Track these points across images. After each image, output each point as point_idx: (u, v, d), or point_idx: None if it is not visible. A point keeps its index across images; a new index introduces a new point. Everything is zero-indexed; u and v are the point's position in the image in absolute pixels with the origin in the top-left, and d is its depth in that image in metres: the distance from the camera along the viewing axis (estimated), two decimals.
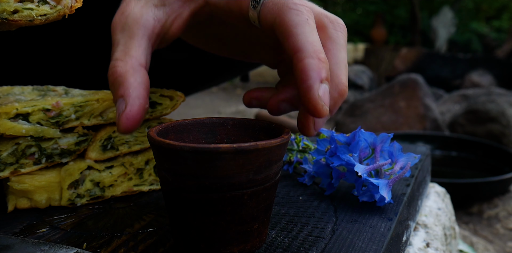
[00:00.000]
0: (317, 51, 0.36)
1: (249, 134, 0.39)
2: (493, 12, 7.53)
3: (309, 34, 0.36)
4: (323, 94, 0.35)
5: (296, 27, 0.37)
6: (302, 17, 0.37)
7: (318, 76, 0.35)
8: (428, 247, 0.50)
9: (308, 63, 0.35)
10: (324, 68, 0.35)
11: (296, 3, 0.38)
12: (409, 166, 0.46)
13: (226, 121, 0.39)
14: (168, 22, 0.42)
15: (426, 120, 2.38)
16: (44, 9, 0.36)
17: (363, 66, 4.53)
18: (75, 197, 0.46)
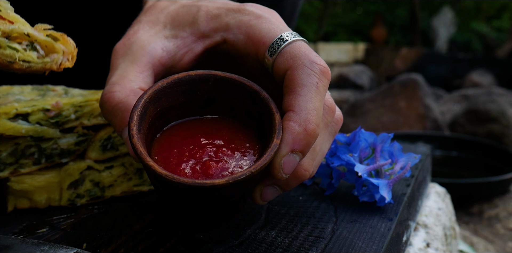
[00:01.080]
0: (309, 121, 0.34)
1: (234, 93, 0.37)
2: (494, 12, 7.53)
3: (311, 99, 0.35)
4: (287, 163, 0.34)
5: (302, 88, 0.35)
6: (312, 79, 0.35)
7: (291, 144, 0.34)
8: (428, 247, 0.50)
9: (291, 127, 0.34)
10: (304, 141, 0.34)
11: (312, 59, 0.36)
12: (409, 166, 0.46)
13: (207, 77, 0.37)
14: (178, 55, 0.40)
15: (426, 120, 2.38)
16: (30, 56, 0.31)
17: (363, 66, 4.53)
18: (75, 197, 0.46)
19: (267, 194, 0.37)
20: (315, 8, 7.64)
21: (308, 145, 0.34)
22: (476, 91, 2.76)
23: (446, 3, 6.70)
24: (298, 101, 0.35)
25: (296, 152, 0.34)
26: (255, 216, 0.43)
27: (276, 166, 0.34)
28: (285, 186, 0.37)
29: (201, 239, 0.39)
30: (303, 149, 0.34)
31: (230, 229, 0.40)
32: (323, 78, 0.36)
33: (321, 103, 0.35)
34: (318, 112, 0.35)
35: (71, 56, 0.33)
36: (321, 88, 0.36)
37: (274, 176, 0.34)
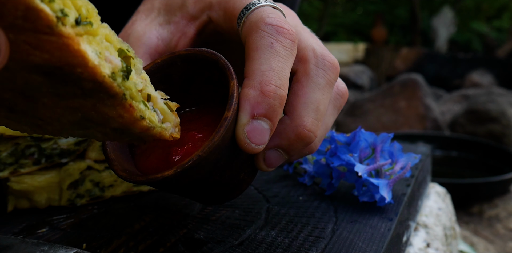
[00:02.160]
0: (265, 82, 0.31)
1: (203, 68, 0.36)
2: (494, 12, 7.53)
3: (265, 61, 0.32)
4: (252, 131, 0.31)
5: (255, 51, 0.33)
6: (266, 41, 0.32)
7: (250, 110, 0.31)
8: (428, 247, 0.50)
9: (246, 93, 0.31)
10: (264, 103, 0.31)
11: (267, 22, 0.33)
12: (409, 166, 0.46)
13: (173, 59, 0.36)
14: (173, 42, 0.40)
15: (426, 120, 2.38)
16: (155, 117, 0.30)
17: (363, 66, 4.53)
18: (75, 197, 0.46)
19: (270, 158, 0.35)
20: (315, 8, 7.65)
21: (271, 108, 0.31)
22: (476, 91, 2.77)
23: (446, 3, 6.70)
24: (252, 66, 0.32)
25: (259, 117, 0.31)
26: (255, 216, 0.43)
27: (239, 137, 0.31)
28: (289, 149, 0.34)
29: (201, 239, 0.39)
30: (266, 113, 0.31)
31: (230, 229, 0.40)
32: (281, 38, 0.33)
33: (280, 64, 0.32)
34: (278, 73, 0.32)
35: (177, 129, 0.33)
36: (279, 49, 0.32)
37: (245, 149, 0.32)
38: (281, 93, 0.32)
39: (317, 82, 0.35)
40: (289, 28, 0.33)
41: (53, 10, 0.21)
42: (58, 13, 0.22)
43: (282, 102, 0.32)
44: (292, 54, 0.33)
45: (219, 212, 0.44)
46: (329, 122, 0.38)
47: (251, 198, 0.47)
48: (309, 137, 0.34)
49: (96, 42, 0.25)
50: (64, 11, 0.22)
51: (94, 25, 0.25)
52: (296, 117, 0.34)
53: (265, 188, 0.50)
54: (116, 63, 0.26)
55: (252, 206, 0.45)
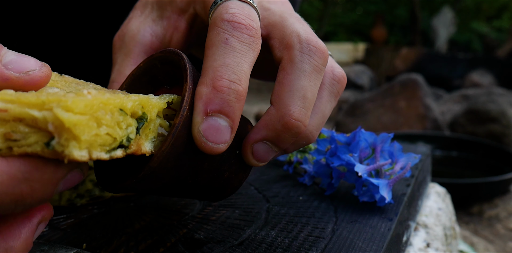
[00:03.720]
0: (217, 77, 0.30)
1: (174, 68, 0.34)
2: (494, 12, 7.53)
3: (219, 57, 0.30)
4: (207, 130, 0.29)
5: (210, 48, 0.31)
6: (220, 37, 0.31)
7: (203, 107, 0.29)
8: (428, 247, 0.50)
9: (199, 91, 0.30)
10: (217, 99, 0.29)
11: (224, 18, 0.32)
12: (409, 166, 0.46)
13: (152, 61, 0.35)
14: (167, 38, 0.40)
15: (426, 120, 2.38)
16: None
17: (363, 66, 4.53)
18: (75, 197, 0.46)
19: (258, 151, 0.33)
20: (315, 8, 7.64)
21: (226, 103, 0.29)
22: (476, 91, 2.77)
23: (446, 3, 6.70)
24: (206, 63, 0.31)
25: (214, 114, 0.29)
26: (255, 216, 0.43)
27: (195, 137, 0.29)
28: (277, 140, 0.33)
29: (201, 239, 0.39)
30: (221, 109, 0.29)
31: (230, 229, 0.40)
32: (237, 33, 0.31)
33: (235, 59, 0.31)
34: (233, 68, 0.30)
35: None
36: (234, 43, 0.31)
37: (203, 149, 0.30)
38: (236, 88, 0.30)
39: (302, 69, 0.33)
40: (248, 23, 0.32)
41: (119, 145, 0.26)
42: (125, 143, 0.26)
43: (239, 97, 0.30)
44: (252, 48, 0.32)
45: (219, 212, 0.44)
46: (326, 110, 0.36)
47: (251, 198, 0.47)
48: (297, 127, 0.32)
49: (152, 131, 0.29)
50: (129, 137, 0.26)
51: (148, 114, 0.29)
52: (282, 106, 0.32)
53: (265, 188, 0.50)
54: (166, 134, 0.30)
55: (252, 206, 0.45)
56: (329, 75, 0.37)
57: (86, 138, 0.23)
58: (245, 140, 0.34)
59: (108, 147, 0.25)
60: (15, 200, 0.23)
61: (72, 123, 0.22)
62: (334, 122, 2.69)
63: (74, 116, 0.22)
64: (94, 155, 0.24)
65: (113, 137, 0.25)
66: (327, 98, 0.36)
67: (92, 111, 0.23)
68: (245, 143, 0.34)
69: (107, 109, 0.25)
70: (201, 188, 0.35)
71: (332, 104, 0.37)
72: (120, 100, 0.26)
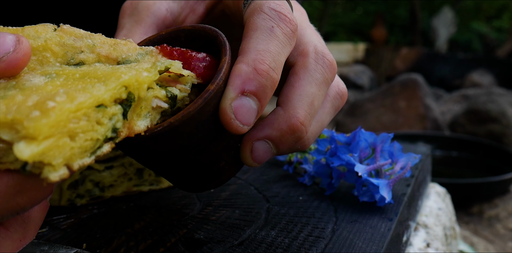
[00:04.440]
0: (259, 60, 0.30)
1: (205, 45, 0.35)
2: (494, 12, 7.53)
3: (263, 41, 0.31)
4: (239, 107, 0.29)
5: (255, 31, 0.32)
6: (267, 23, 0.32)
7: (240, 85, 0.30)
8: (428, 247, 0.50)
9: (238, 68, 0.30)
10: (255, 81, 0.30)
11: (272, 7, 0.33)
12: (409, 166, 0.46)
13: (177, 33, 0.35)
14: (181, 17, 0.39)
15: (426, 120, 2.38)
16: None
17: (363, 66, 4.53)
18: (75, 197, 0.46)
19: (258, 150, 0.33)
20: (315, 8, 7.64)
21: (262, 87, 0.30)
22: (476, 91, 2.77)
23: (446, 3, 6.70)
24: (248, 44, 0.31)
25: (248, 94, 0.30)
26: (255, 216, 0.43)
27: (225, 111, 0.29)
28: (279, 141, 0.33)
29: (201, 239, 0.39)
30: (257, 91, 0.30)
31: (230, 229, 0.40)
32: (282, 24, 0.32)
33: (277, 48, 0.31)
34: (274, 56, 0.31)
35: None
36: (279, 34, 0.31)
37: (229, 126, 0.30)
38: (274, 76, 0.30)
39: (314, 77, 0.34)
40: (292, 18, 0.33)
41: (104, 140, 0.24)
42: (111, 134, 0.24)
43: (273, 85, 0.31)
44: (290, 44, 0.33)
45: (219, 212, 0.44)
46: (326, 120, 0.37)
47: (251, 198, 0.47)
48: (301, 130, 0.33)
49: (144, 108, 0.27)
50: (115, 128, 0.24)
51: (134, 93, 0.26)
52: (290, 108, 0.33)
53: (265, 188, 0.50)
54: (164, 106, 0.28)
55: (252, 206, 0.45)
56: (335, 89, 0.38)
57: (59, 161, 0.21)
58: (246, 135, 0.33)
59: (90, 151, 0.23)
60: (15, 210, 0.23)
61: (38, 155, 0.20)
62: (334, 122, 2.70)
63: (38, 147, 0.20)
64: (75, 166, 0.22)
65: (94, 139, 0.23)
66: (329, 110, 0.37)
67: (60, 128, 0.21)
68: (247, 139, 0.33)
69: (79, 115, 0.22)
70: (195, 168, 0.33)
71: (331, 116, 0.38)
72: (93, 99, 0.23)
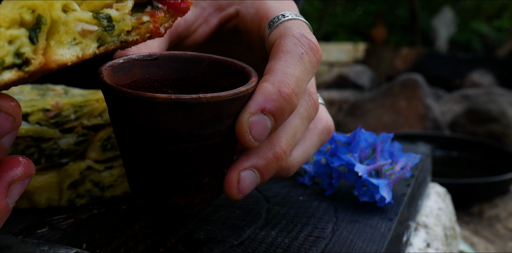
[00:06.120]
0: (285, 83, 0.31)
1: (224, 75, 0.36)
2: (494, 11, 7.53)
3: (291, 65, 0.32)
4: (256, 123, 0.31)
5: (285, 54, 0.33)
6: (297, 49, 0.33)
7: (261, 102, 0.31)
8: (428, 247, 0.50)
9: (264, 86, 0.31)
10: (277, 102, 0.31)
11: (303, 33, 0.34)
12: (409, 166, 0.46)
13: (201, 58, 0.36)
14: (194, 26, 0.40)
15: (426, 120, 2.38)
16: (162, 16, 0.28)
17: (363, 66, 4.53)
18: (75, 197, 0.46)
19: (245, 180, 0.33)
20: (315, 8, 7.64)
21: (281, 109, 0.31)
22: (476, 91, 2.76)
23: (446, 3, 6.70)
24: (277, 65, 0.32)
25: (266, 113, 0.31)
26: (255, 216, 0.43)
27: (241, 123, 0.31)
28: (265, 170, 0.33)
29: (201, 239, 0.39)
30: (276, 112, 0.31)
31: (230, 229, 0.40)
32: (311, 53, 0.33)
33: (303, 75, 0.32)
34: (298, 81, 0.32)
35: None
36: (306, 61, 0.33)
37: (241, 139, 0.31)
38: (295, 101, 0.32)
39: (299, 111, 0.35)
40: (319, 48, 0.34)
41: (10, 65, 0.20)
42: (16, 60, 0.21)
43: (291, 110, 0.32)
44: (313, 73, 0.34)
45: (219, 212, 0.44)
46: (311, 152, 0.39)
47: (251, 198, 0.47)
48: (283, 159, 0.34)
49: (64, 33, 0.23)
50: (18, 51, 0.21)
51: (45, 16, 0.22)
52: (274, 137, 0.34)
53: (265, 188, 0.50)
54: (94, 29, 0.25)
55: (252, 206, 0.45)
56: (324, 124, 0.39)
57: None
58: (233, 166, 0.33)
59: None
60: None
61: None
62: (334, 122, 2.69)
63: None
64: None
65: None
66: (315, 143, 0.39)
67: None
68: (233, 168, 0.33)
69: None
70: (179, 169, 0.32)
71: (316, 149, 0.39)
72: None
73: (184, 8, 0.30)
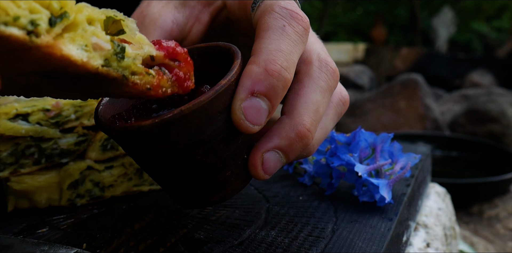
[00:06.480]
0: (270, 61, 0.30)
1: (217, 61, 0.35)
2: (494, 12, 7.53)
3: (274, 41, 0.31)
4: (249, 108, 0.30)
5: (267, 31, 0.32)
6: (278, 22, 0.32)
7: (250, 86, 0.30)
8: (428, 247, 0.50)
9: (249, 69, 0.30)
10: (265, 81, 0.30)
11: (282, 5, 0.33)
12: (409, 166, 0.46)
13: (191, 51, 0.35)
14: (187, 27, 0.40)
15: (426, 120, 2.38)
16: (165, 80, 0.29)
17: (363, 66, 4.53)
18: (75, 197, 0.46)
19: (269, 161, 0.33)
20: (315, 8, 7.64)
21: (273, 88, 0.30)
22: (476, 91, 2.76)
23: (446, 3, 6.70)
24: (260, 44, 0.31)
25: (258, 95, 0.30)
26: (255, 216, 0.43)
27: (235, 111, 0.30)
28: (288, 150, 0.33)
29: (201, 239, 0.39)
30: (267, 92, 0.30)
31: (230, 229, 0.40)
32: (294, 22, 0.32)
33: (289, 47, 0.31)
34: (286, 55, 0.31)
35: (189, 74, 0.31)
36: (290, 32, 0.32)
37: (239, 126, 0.30)
38: (286, 76, 0.31)
39: (319, 84, 0.34)
40: (303, 16, 0.33)
41: (21, 27, 0.20)
42: (28, 26, 0.21)
43: (285, 86, 0.31)
44: (303, 42, 0.33)
45: (219, 212, 0.44)
46: (329, 127, 0.38)
47: (251, 198, 0.47)
48: (308, 137, 0.33)
49: (79, 35, 0.24)
50: (34, 21, 0.21)
51: (70, 14, 0.23)
52: (296, 116, 0.33)
53: (265, 188, 0.50)
54: (107, 48, 0.25)
55: (252, 206, 0.45)
56: (338, 96, 0.38)
57: None
58: (255, 148, 0.33)
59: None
60: None
61: None
62: None
63: None
64: None
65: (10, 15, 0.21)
66: (332, 117, 0.38)
67: None
68: (256, 151, 0.33)
69: None
70: (199, 174, 0.32)
71: (334, 123, 0.38)
72: None
73: (185, 87, 0.31)
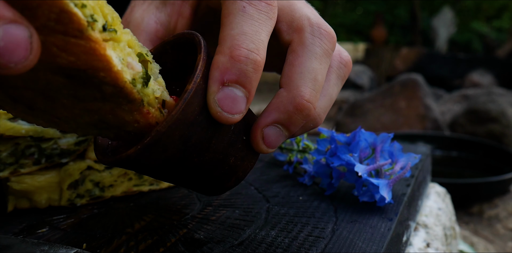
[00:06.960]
0: (234, 46, 0.29)
1: (190, 51, 0.34)
2: (494, 12, 7.53)
3: (237, 25, 0.30)
4: (224, 99, 0.29)
5: (228, 17, 0.31)
6: (237, 5, 0.31)
7: (219, 77, 0.29)
8: (428, 247, 0.50)
9: (215, 61, 0.30)
10: (234, 68, 0.29)
11: None
12: (409, 166, 0.46)
13: (163, 46, 0.35)
14: (172, 25, 0.39)
15: (426, 120, 2.38)
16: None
17: (363, 66, 4.53)
18: (75, 197, 0.46)
19: (270, 136, 0.32)
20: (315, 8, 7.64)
21: (243, 73, 0.29)
22: (476, 91, 2.76)
23: (446, 3, 6.71)
24: (223, 32, 0.30)
25: (230, 84, 0.29)
26: (255, 216, 0.43)
27: (210, 106, 0.29)
28: (289, 123, 0.32)
29: (201, 239, 0.39)
30: (238, 79, 0.29)
31: (230, 229, 0.40)
32: (254, 1, 0.31)
33: (253, 27, 0.30)
34: (251, 37, 0.30)
35: None
36: (251, 11, 0.30)
37: (218, 119, 0.30)
38: (254, 58, 0.29)
39: (313, 51, 0.33)
40: None
41: (84, 15, 0.22)
42: (89, 18, 0.22)
43: (256, 67, 0.30)
44: (270, 17, 0.32)
45: (219, 212, 0.44)
46: (333, 93, 0.36)
47: (251, 198, 0.47)
48: (308, 108, 0.32)
49: (120, 48, 0.25)
50: (94, 17, 0.23)
51: (118, 32, 0.25)
52: (293, 88, 0.32)
53: (265, 188, 0.50)
54: (138, 69, 0.27)
55: (252, 206, 0.45)
56: (337, 59, 0.37)
57: None
58: (254, 125, 0.33)
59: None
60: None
61: None
62: (334, 122, 2.69)
63: None
64: None
65: None
66: (334, 82, 0.37)
67: None
68: (255, 127, 0.33)
69: None
70: (205, 172, 0.33)
71: (338, 88, 0.37)
72: None
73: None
